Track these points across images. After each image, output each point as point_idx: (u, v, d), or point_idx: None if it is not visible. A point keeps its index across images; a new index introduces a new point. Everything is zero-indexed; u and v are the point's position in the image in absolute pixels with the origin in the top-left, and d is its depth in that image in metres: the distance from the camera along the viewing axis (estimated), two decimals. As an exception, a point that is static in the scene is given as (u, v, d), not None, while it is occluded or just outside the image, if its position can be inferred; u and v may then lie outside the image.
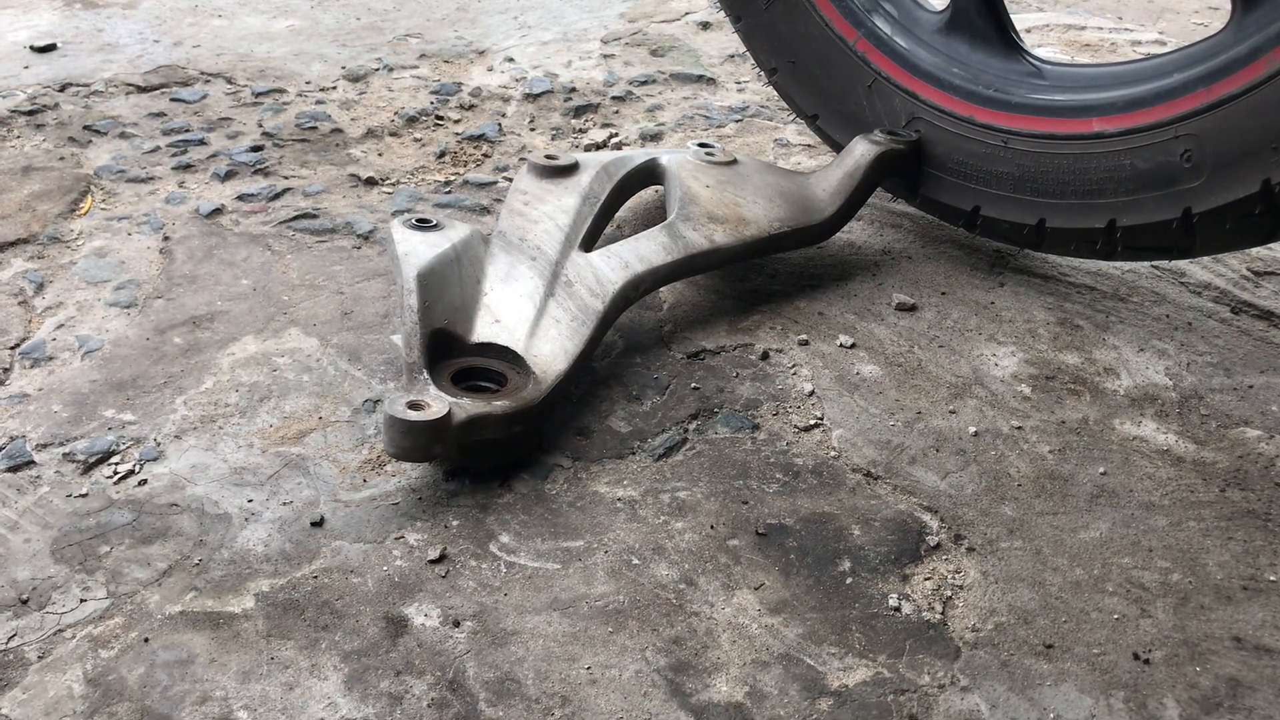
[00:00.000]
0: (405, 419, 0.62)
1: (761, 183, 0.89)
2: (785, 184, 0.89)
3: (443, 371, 0.68)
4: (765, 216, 0.85)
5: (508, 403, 0.67)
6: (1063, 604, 0.59)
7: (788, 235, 0.85)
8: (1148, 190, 0.76)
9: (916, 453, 0.70)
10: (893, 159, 0.88)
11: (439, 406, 0.63)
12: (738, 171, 0.89)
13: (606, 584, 0.60)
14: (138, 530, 0.64)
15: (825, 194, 0.88)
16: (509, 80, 1.29)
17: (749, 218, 0.84)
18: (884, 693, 0.54)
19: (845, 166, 0.88)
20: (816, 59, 0.93)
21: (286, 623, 0.58)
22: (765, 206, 0.86)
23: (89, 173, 1.05)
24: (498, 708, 0.53)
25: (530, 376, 0.69)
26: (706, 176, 0.88)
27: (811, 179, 0.90)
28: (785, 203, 0.87)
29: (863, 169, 0.87)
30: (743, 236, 0.83)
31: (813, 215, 0.87)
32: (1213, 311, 0.84)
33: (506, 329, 0.72)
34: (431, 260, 0.72)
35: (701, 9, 1.50)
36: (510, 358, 0.71)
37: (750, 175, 0.89)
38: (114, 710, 0.53)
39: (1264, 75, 0.69)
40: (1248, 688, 0.54)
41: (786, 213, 0.86)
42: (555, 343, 0.72)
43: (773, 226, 0.85)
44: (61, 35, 1.38)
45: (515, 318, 0.73)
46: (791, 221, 0.85)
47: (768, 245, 0.85)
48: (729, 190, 0.87)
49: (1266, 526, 0.64)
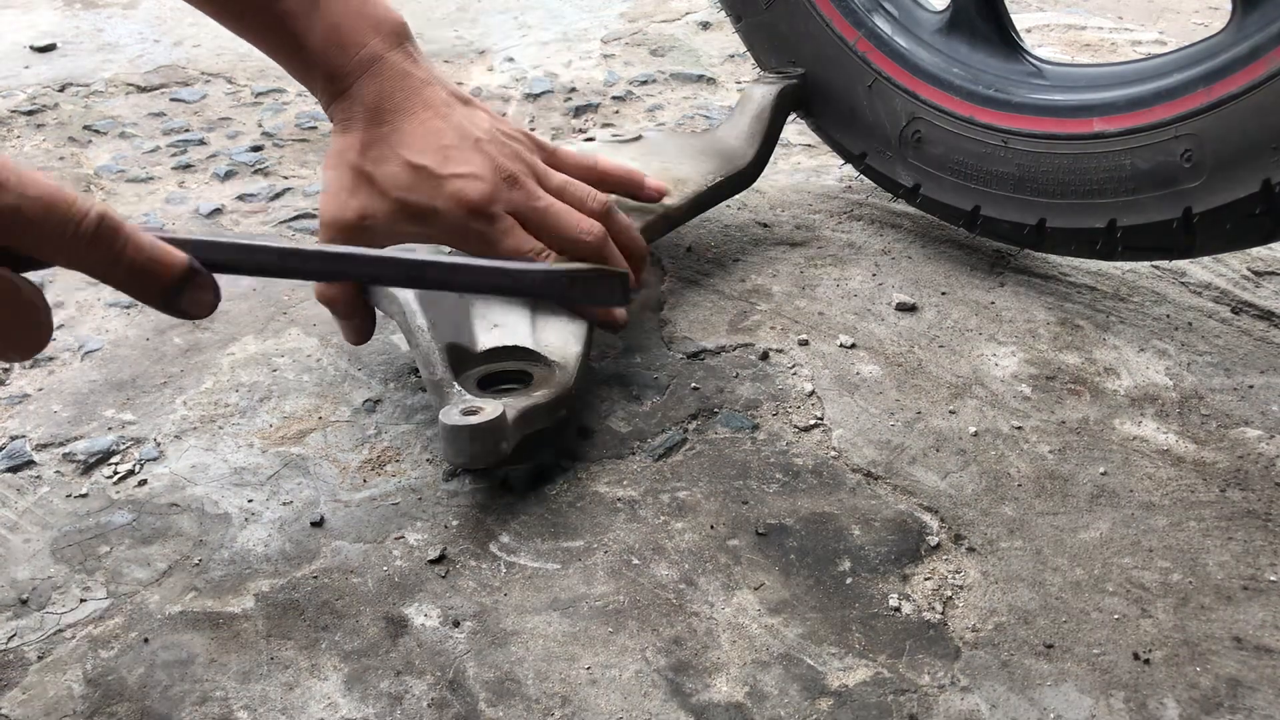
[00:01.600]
0: (468, 425, 0.62)
1: (677, 147, 0.93)
2: (698, 142, 0.94)
3: (466, 383, 0.68)
4: (697, 172, 0.89)
5: (547, 390, 0.67)
6: (1063, 604, 0.59)
7: (723, 184, 0.89)
8: (1148, 190, 0.76)
9: (916, 453, 0.70)
10: (792, 93, 0.93)
11: (492, 407, 0.63)
12: (650, 143, 0.93)
13: (606, 584, 0.60)
14: (138, 530, 0.64)
15: (740, 141, 0.92)
16: (509, 80, 1.29)
17: (683, 177, 0.88)
18: (884, 693, 0.54)
19: (750, 112, 0.93)
20: (817, 58, 0.93)
21: (286, 623, 0.58)
22: (692, 164, 0.90)
23: (89, 172, 1.05)
24: (498, 708, 0.53)
25: (552, 365, 0.70)
26: (626, 152, 0.91)
27: (719, 132, 0.94)
28: (708, 157, 0.91)
29: (768, 110, 0.92)
30: (686, 194, 0.86)
31: (737, 162, 0.91)
32: (1213, 311, 0.84)
33: (508, 330, 0.72)
34: None
35: (702, 9, 1.50)
36: (522, 355, 0.71)
37: (663, 143, 0.94)
38: (114, 710, 0.53)
39: (1264, 75, 0.69)
40: (1248, 688, 0.54)
41: (714, 165, 0.90)
42: (560, 330, 0.72)
43: (707, 179, 0.88)
44: (61, 35, 1.38)
45: (512, 318, 0.73)
46: (721, 171, 0.89)
47: (709, 198, 0.88)
48: (653, 160, 0.90)
49: (1266, 526, 0.64)
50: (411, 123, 0.68)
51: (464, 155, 0.68)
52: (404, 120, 0.68)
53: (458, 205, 0.68)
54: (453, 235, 0.70)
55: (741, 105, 0.94)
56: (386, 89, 0.68)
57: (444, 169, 0.68)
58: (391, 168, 0.68)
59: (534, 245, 0.70)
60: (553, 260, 0.70)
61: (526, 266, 0.67)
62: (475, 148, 0.69)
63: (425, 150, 0.68)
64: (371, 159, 0.68)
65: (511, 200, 0.69)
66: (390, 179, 0.68)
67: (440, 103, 0.70)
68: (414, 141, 0.68)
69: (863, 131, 0.92)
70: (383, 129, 0.68)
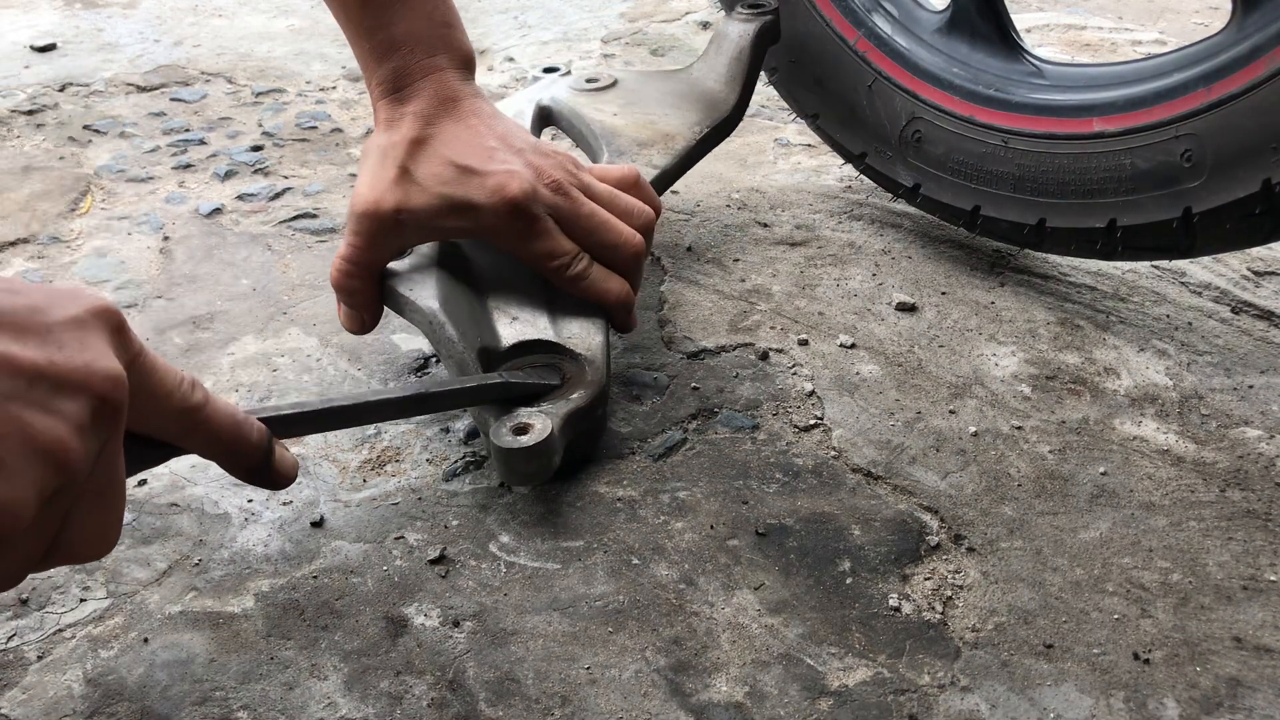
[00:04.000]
0: (522, 447, 0.61)
1: (657, 93, 0.90)
2: (678, 86, 0.90)
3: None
4: (683, 123, 0.86)
5: (583, 391, 0.67)
6: (1063, 604, 0.59)
7: (709, 135, 0.87)
8: (1148, 190, 0.76)
9: (916, 453, 0.70)
10: (769, 30, 0.90)
11: (541, 423, 0.63)
12: (628, 90, 0.90)
13: (606, 584, 0.60)
14: (137, 530, 0.64)
15: (720, 84, 0.89)
16: (509, 80, 1.29)
17: (670, 130, 0.85)
18: (884, 693, 0.54)
19: (729, 52, 0.89)
20: (817, 58, 0.93)
21: (286, 623, 0.58)
22: (677, 115, 0.87)
23: (89, 172, 1.05)
24: (497, 707, 0.53)
25: (579, 359, 0.69)
26: (607, 105, 0.88)
27: (695, 74, 0.91)
28: (691, 105, 0.88)
29: (748, 50, 0.89)
30: (676, 151, 0.84)
31: (721, 109, 0.88)
32: (1213, 311, 0.84)
33: (529, 322, 0.71)
34: (439, 287, 0.70)
35: (702, 9, 1.50)
36: (546, 348, 0.70)
37: (642, 89, 0.90)
38: (114, 710, 0.53)
39: (1264, 75, 0.69)
40: (1248, 688, 0.54)
41: (699, 114, 0.87)
42: (578, 317, 0.72)
43: (694, 132, 0.86)
44: (61, 35, 1.38)
45: (528, 309, 0.72)
46: (707, 121, 0.87)
47: (697, 152, 0.86)
48: (636, 111, 0.87)
49: (1267, 526, 0.64)
50: (458, 128, 0.70)
51: (507, 157, 0.70)
52: (450, 125, 0.70)
53: (500, 200, 0.68)
54: (491, 229, 0.70)
55: (717, 44, 0.91)
56: (440, 97, 0.70)
57: (487, 166, 0.69)
58: (435, 166, 0.69)
59: (570, 248, 0.71)
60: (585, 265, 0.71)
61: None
62: (518, 153, 0.71)
63: (469, 152, 0.69)
64: (415, 159, 0.69)
65: (554, 203, 0.70)
66: (433, 176, 0.69)
67: (487, 114, 0.72)
68: (458, 145, 0.69)
69: (863, 131, 0.92)
70: (430, 130, 0.70)
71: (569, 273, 0.71)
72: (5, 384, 0.38)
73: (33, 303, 0.40)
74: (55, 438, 0.39)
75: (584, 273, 0.71)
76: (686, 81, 0.91)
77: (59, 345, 0.40)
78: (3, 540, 0.38)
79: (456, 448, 0.71)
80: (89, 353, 0.41)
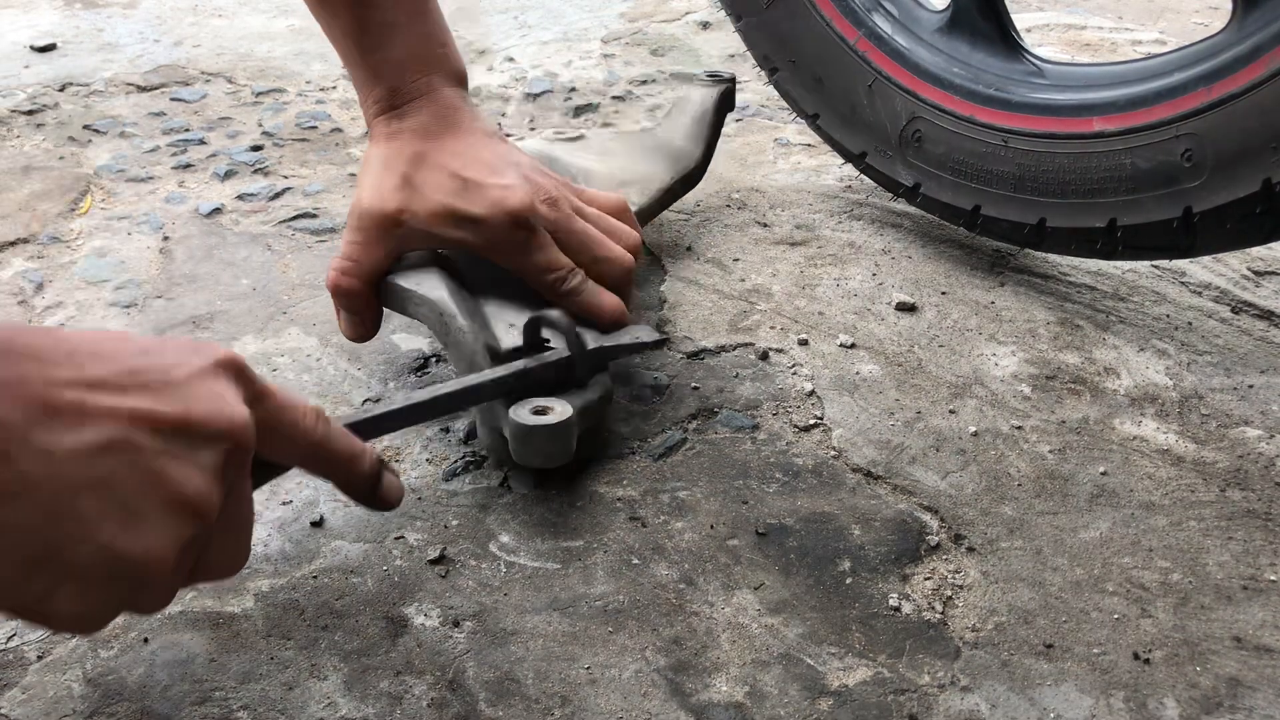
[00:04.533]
0: (545, 425, 0.62)
1: (627, 146, 0.94)
2: (646, 141, 0.95)
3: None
4: (657, 169, 0.90)
5: (596, 389, 0.67)
6: (1063, 604, 0.59)
7: (680, 181, 0.91)
8: (1148, 190, 0.76)
9: (916, 452, 0.70)
10: (728, 95, 0.96)
11: (561, 406, 0.64)
12: (599, 142, 0.95)
13: (606, 584, 0.60)
14: (137, 530, 0.64)
15: (686, 141, 0.94)
16: (509, 80, 1.29)
17: (646, 174, 0.89)
18: (884, 692, 0.54)
19: (692, 113, 0.95)
20: (817, 58, 0.93)
21: (286, 623, 0.58)
22: (649, 163, 0.91)
23: (89, 172, 1.05)
24: (497, 707, 0.53)
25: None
26: (583, 153, 0.92)
27: (660, 134, 0.96)
28: (661, 156, 0.92)
29: (710, 111, 0.94)
30: (651, 192, 0.88)
31: (688, 160, 0.93)
32: (1213, 311, 0.84)
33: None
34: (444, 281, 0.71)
35: (702, 9, 1.50)
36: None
37: (609, 142, 0.95)
38: (114, 710, 0.53)
39: (1265, 74, 0.69)
40: (1248, 687, 0.54)
41: (669, 163, 0.92)
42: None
43: (668, 176, 0.90)
44: (61, 35, 1.38)
45: (524, 318, 0.72)
46: (676, 169, 0.91)
47: (669, 196, 0.90)
48: (611, 159, 0.91)
49: (1267, 526, 0.64)
50: (458, 143, 0.72)
51: (507, 171, 0.72)
52: (450, 140, 0.72)
53: (501, 212, 0.70)
54: (490, 242, 0.71)
55: (680, 106, 0.96)
56: (439, 113, 0.72)
57: (488, 180, 0.71)
58: (438, 176, 0.71)
59: (566, 262, 0.72)
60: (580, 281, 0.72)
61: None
62: (517, 168, 0.72)
63: (470, 165, 0.71)
64: (418, 168, 0.71)
65: (551, 218, 0.72)
66: (435, 185, 0.71)
67: (485, 132, 0.74)
68: (458, 159, 0.71)
69: (863, 131, 0.92)
70: (430, 144, 0.71)
71: (564, 286, 0.72)
72: (149, 440, 0.40)
73: (164, 361, 0.43)
74: (194, 489, 0.41)
75: (579, 288, 0.72)
76: (652, 138, 0.96)
77: (194, 399, 0.42)
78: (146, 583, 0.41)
79: (456, 448, 0.71)
80: (219, 402, 0.43)
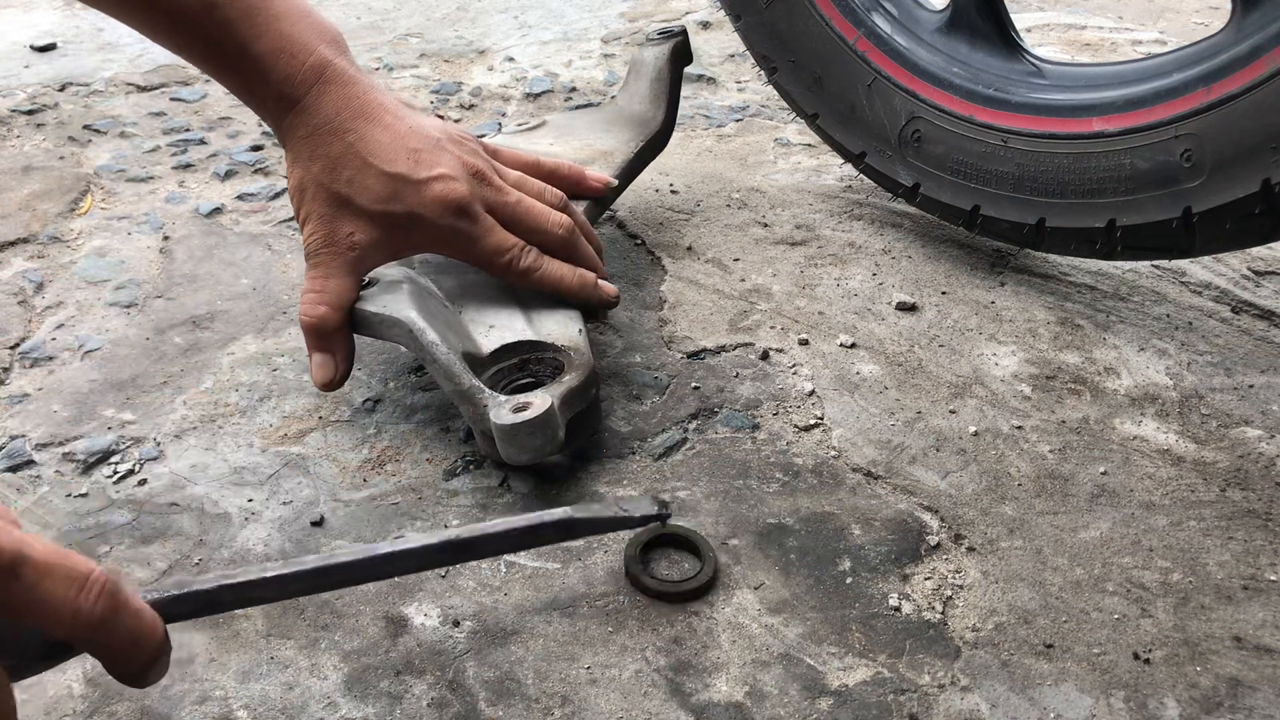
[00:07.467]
0: (525, 420, 0.62)
1: (588, 122, 0.94)
2: (605, 114, 0.95)
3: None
4: (618, 141, 0.90)
5: (575, 374, 0.67)
6: (1063, 604, 0.59)
7: (644, 149, 0.90)
8: (1148, 190, 0.76)
9: (917, 452, 0.70)
10: (682, 49, 0.94)
11: (540, 399, 0.63)
12: (558, 125, 0.94)
13: (606, 584, 0.60)
14: (138, 530, 0.64)
15: (646, 104, 0.93)
16: (509, 79, 1.29)
17: (608, 149, 0.89)
18: (884, 692, 0.54)
19: (648, 75, 0.94)
20: (816, 58, 0.93)
21: (286, 623, 0.58)
22: (611, 136, 0.90)
23: (89, 172, 1.05)
24: (497, 707, 0.53)
25: (560, 350, 0.70)
26: (542, 139, 0.91)
27: (620, 102, 0.95)
28: (622, 126, 0.92)
29: (665, 69, 0.93)
30: (617, 164, 0.87)
31: (650, 125, 0.92)
32: (1213, 311, 0.84)
33: (506, 327, 0.72)
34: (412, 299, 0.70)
35: (701, 8, 1.50)
36: (528, 349, 0.70)
37: (571, 123, 0.94)
38: (114, 710, 0.53)
39: (1264, 75, 0.69)
40: (1248, 687, 0.54)
41: (631, 132, 0.91)
42: (556, 318, 0.72)
43: (630, 146, 0.89)
44: (62, 35, 1.38)
45: (504, 317, 0.72)
46: (640, 137, 0.90)
47: (636, 165, 0.90)
48: (571, 139, 0.90)
49: (1267, 526, 0.64)
50: (373, 129, 0.68)
51: (433, 157, 0.69)
52: (364, 126, 0.68)
53: (441, 207, 0.68)
54: (436, 238, 0.70)
55: (635, 71, 0.95)
56: (341, 96, 0.68)
57: (419, 174, 0.68)
58: (367, 181, 0.67)
59: (515, 241, 0.71)
60: (535, 257, 0.71)
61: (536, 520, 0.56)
62: (440, 148, 0.69)
63: (395, 157, 0.68)
64: (344, 180, 0.67)
65: (485, 198, 0.70)
66: (368, 194, 0.67)
67: (394, 106, 0.70)
68: (380, 150, 0.67)
69: (862, 131, 0.92)
70: (346, 139, 0.67)
71: (520, 266, 0.71)
72: None
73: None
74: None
75: (534, 264, 0.71)
76: (613, 109, 0.95)
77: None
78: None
79: (456, 447, 0.71)
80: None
